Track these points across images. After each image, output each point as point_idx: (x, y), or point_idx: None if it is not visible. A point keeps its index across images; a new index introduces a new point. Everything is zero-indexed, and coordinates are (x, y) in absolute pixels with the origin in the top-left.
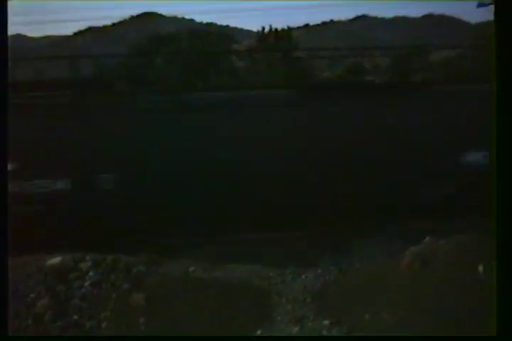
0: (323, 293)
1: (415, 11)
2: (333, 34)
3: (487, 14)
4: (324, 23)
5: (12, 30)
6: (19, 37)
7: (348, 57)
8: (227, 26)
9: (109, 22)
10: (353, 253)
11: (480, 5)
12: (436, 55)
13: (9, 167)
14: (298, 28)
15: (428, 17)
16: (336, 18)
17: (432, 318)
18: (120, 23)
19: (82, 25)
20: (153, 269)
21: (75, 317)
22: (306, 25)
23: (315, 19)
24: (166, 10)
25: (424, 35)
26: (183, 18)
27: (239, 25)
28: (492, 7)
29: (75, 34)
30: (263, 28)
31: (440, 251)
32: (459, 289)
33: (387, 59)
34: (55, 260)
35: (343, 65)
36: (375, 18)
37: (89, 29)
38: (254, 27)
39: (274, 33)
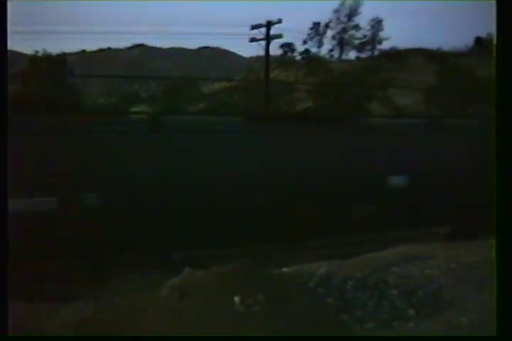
0: (81, 328)
1: (192, 43)
2: (109, 61)
3: (259, 49)
4: (101, 50)
5: None
6: None
7: (124, 85)
8: None
9: None
10: (115, 286)
11: (252, 40)
12: (209, 86)
13: None
14: (73, 53)
15: (204, 49)
16: (113, 46)
17: None
18: None
19: None
20: None
21: None
22: (83, 52)
23: (91, 46)
24: None
25: (199, 67)
26: None
27: (12, 49)
28: (263, 43)
29: None
30: (36, 52)
31: (199, 282)
32: (215, 320)
33: (162, 88)
34: None
35: (118, 92)
36: (153, 48)
37: None
38: (28, 51)
39: (48, 57)
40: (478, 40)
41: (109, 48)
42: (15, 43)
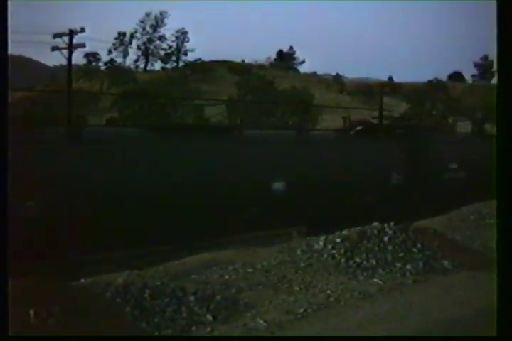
0: None
1: None
2: None
3: (62, 58)
4: None
5: None
6: None
7: None
8: None
9: None
10: None
11: (54, 48)
12: (10, 95)
13: None
14: None
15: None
16: None
17: None
18: None
19: None
20: None
21: None
22: None
23: None
24: None
25: None
26: None
27: None
28: (66, 52)
29: None
30: None
31: None
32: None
33: None
34: None
35: None
36: None
37: None
38: None
39: None
40: (280, 54)
41: None
42: None
